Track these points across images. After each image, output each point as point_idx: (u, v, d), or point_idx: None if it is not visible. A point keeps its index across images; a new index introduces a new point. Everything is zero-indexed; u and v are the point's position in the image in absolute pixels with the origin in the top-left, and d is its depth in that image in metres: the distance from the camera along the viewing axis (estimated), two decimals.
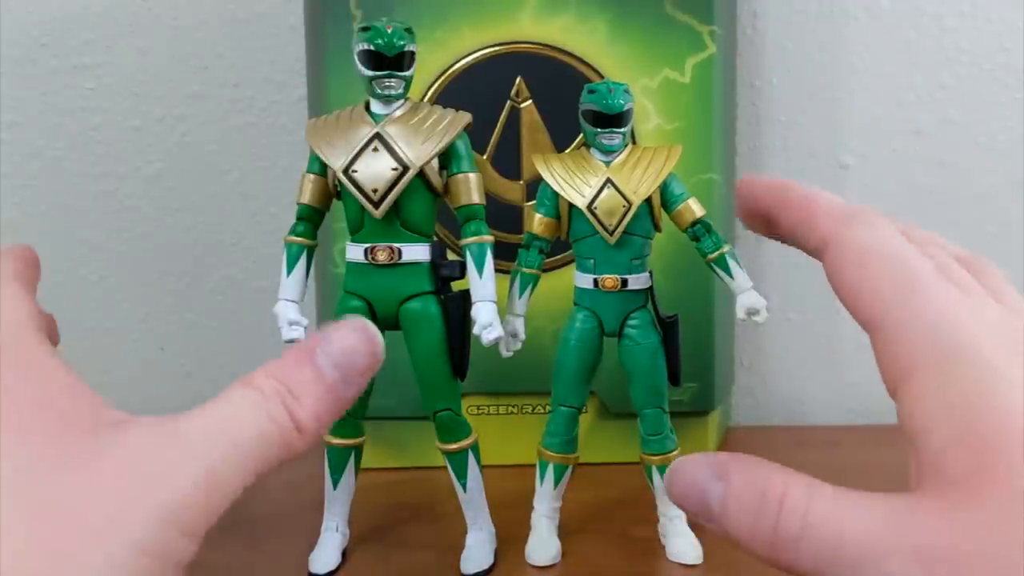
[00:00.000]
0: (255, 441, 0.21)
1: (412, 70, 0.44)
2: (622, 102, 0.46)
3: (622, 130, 0.46)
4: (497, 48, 0.56)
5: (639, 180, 0.46)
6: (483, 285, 0.44)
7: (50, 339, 0.25)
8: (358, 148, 0.43)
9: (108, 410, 0.22)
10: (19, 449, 0.20)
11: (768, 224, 0.27)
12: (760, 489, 0.21)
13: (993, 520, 0.18)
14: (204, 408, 0.22)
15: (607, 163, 0.46)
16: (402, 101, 0.44)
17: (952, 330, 0.21)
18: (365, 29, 0.43)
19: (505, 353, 0.46)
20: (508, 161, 0.57)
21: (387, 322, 0.45)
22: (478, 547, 0.46)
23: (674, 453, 0.47)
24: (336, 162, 0.43)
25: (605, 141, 0.46)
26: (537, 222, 0.47)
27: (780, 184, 0.27)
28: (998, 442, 0.19)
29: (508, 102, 0.57)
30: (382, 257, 0.44)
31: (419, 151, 0.43)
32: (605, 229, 0.45)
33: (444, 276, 0.45)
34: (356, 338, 0.24)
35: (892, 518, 0.19)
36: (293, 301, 0.45)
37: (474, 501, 0.46)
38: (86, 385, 0.23)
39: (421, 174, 0.43)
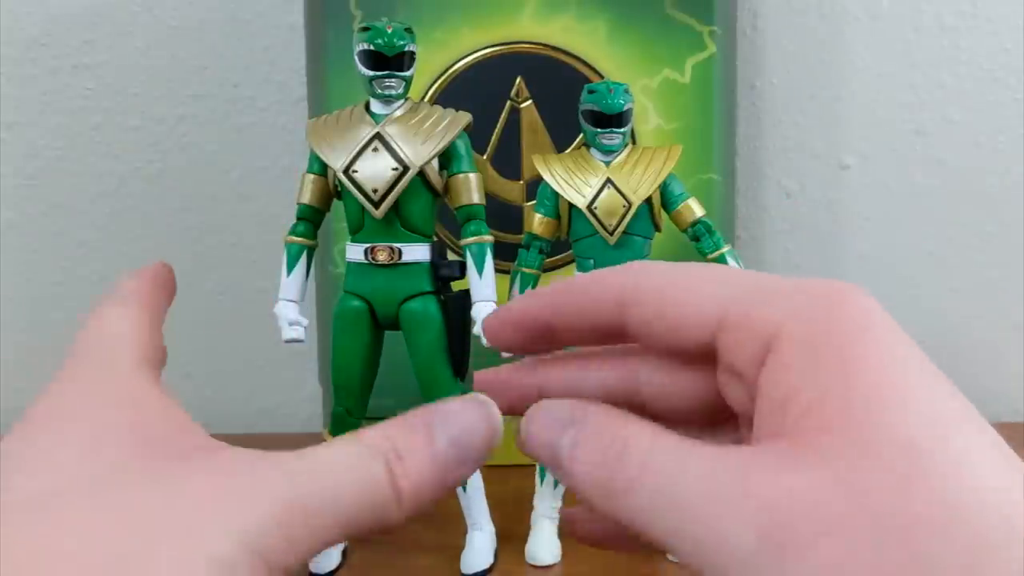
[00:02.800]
0: (349, 489, 0.20)
1: (412, 70, 0.44)
2: (622, 102, 0.46)
3: (622, 130, 0.46)
4: (497, 48, 0.56)
5: (639, 180, 0.46)
6: (483, 285, 0.44)
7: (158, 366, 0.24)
8: (358, 148, 0.43)
9: (206, 437, 0.21)
10: (100, 464, 0.19)
11: (546, 337, 0.24)
12: (610, 433, 0.19)
13: (852, 475, 0.16)
14: (305, 449, 0.20)
15: (607, 163, 0.46)
16: (402, 101, 0.44)
17: (814, 296, 0.19)
18: (365, 29, 0.43)
19: (505, 353, 0.46)
20: (508, 161, 0.57)
21: (387, 322, 0.45)
22: (478, 547, 0.46)
23: None
24: (336, 162, 0.43)
25: (605, 141, 0.46)
26: (537, 222, 0.47)
27: (542, 293, 0.24)
28: (871, 400, 0.17)
29: (508, 102, 0.57)
30: (382, 257, 0.44)
31: (419, 151, 0.43)
32: (605, 229, 0.45)
33: (444, 276, 0.45)
34: (476, 416, 0.22)
35: (741, 466, 0.17)
36: (293, 301, 0.45)
37: (474, 501, 0.46)
38: (187, 414, 0.22)
39: (421, 174, 0.43)
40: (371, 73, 0.43)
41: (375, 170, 0.43)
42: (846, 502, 0.16)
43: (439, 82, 0.56)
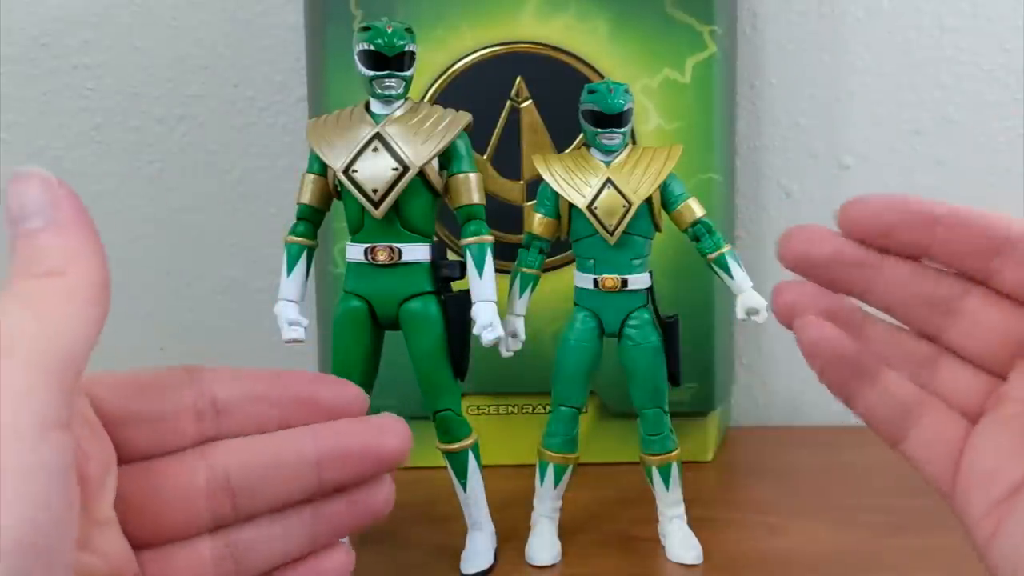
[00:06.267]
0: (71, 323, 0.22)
1: (412, 70, 0.44)
2: (622, 102, 0.46)
3: (622, 130, 0.46)
4: (497, 48, 0.56)
5: (639, 180, 0.46)
6: (483, 285, 0.44)
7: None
8: (358, 148, 0.43)
9: None
10: None
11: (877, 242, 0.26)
12: None
13: None
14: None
15: (607, 163, 0.46)
16: (402, 101, 0.44)
17: None
18: (365, 29, 0.43)
19: (505, 353, 0.46)
20: (508, 161, 0.57)
21: (387, 322, 0.45)
22: (478, 547, 0.46)
23: (674, 453, 0.47)
24: (336, 162, 0.43)
25: (605, 141, 0.46)
26: (537, 222, 0.47)
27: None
28: None
29: (508, 102, 0.57)
30: (382, 257, 0.44)
31: (419, 151, 0.43)
32: (605, 229, 0.45)
33: (444, 276, 0.45)
34: (29, 184, 0.24)
35: None
36: (293, 301, 0.45)
37: (474, 501, 0.46)
38: None
39: (421, 174, 0.43)
40: (371, 73, 0.43)
41: (375, 170, 0.43)
42: None
43: (439, 82, 0.56)
